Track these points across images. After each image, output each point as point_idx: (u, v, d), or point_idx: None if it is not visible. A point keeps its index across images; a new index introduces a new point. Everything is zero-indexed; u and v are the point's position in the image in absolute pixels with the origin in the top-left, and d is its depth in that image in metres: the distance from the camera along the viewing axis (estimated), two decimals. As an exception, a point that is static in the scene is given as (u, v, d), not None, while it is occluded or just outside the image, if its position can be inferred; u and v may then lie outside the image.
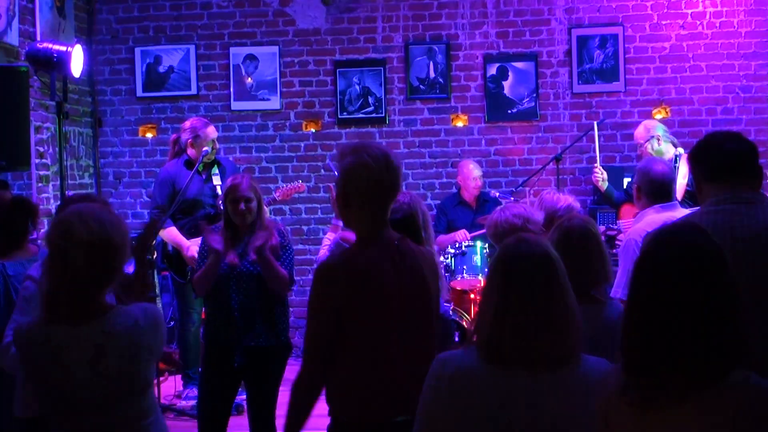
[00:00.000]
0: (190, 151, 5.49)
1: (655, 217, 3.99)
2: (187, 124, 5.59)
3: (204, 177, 5.52)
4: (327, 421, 2.77)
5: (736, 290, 1.88)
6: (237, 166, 6.05)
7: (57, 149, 5.75)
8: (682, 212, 3.94)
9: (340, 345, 2.67)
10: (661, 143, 5.60)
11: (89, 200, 3.29)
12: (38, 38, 5.74)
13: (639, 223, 4.03)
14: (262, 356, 3.98)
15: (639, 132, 5.76)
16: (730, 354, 1.82)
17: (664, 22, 6.69)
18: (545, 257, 2.17)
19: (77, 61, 5.47)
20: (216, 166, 5.57)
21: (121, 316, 2.42)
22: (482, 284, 5.05)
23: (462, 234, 5.97)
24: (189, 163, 5.41)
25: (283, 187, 5.84)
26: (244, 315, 3.95)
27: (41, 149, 5.91)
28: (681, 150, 5.52)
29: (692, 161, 3.02)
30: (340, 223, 3.65)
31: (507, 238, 3.51)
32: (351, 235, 3.27)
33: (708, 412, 1.82)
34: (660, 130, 5.70)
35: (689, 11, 6.66)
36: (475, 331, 2.21)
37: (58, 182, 5.60)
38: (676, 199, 4.26)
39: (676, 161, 5.33)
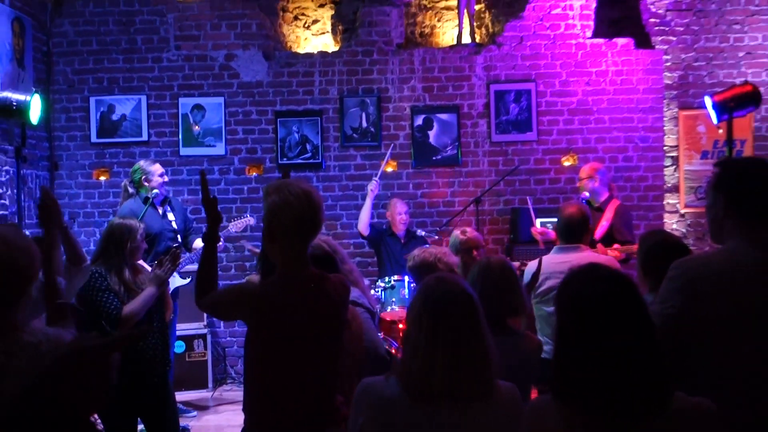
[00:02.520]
0: (143, 188, 5.54)
1: (552, 258, 4.10)
2: (136, 166, 5.61)
3: (161, 213, 5.54)
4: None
5: (650, 319, 1.85)
6: (185, 208, 6.03)
7: (15, 191, 5.68)
8: (581, 255, 3.95)
9: (253, 367, 2.68)
10: (597, 184, 5.65)
11: (4, 227, 3.31)
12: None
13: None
14: None
15: (584, 169, 5.80)
16: (666, 381, 1.80)
17: (571, 80, 6.83)
18: (467, 296, 2.16)
19: (35, 109, 5.48)
20: (168, 204, 5.62)
21: (24, 338, 2.34)
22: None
23: None
24: (146, 200, 5.43)
25: (234, 221, 5.87)
26: None
27: (0, 191, 5.87)
28: (586, 194, 5.64)
29: None
30: None
31: (422, 272, 3.76)
32: None
33: None
34: (598, 172, 5.74)
35: (594, 70, 6.82)
36: (401, 365, 2.17)
37: (16, 221, 5.54)
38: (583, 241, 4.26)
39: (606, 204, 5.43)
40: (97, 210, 6.83)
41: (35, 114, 5.50)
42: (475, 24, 7.02)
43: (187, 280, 5.78)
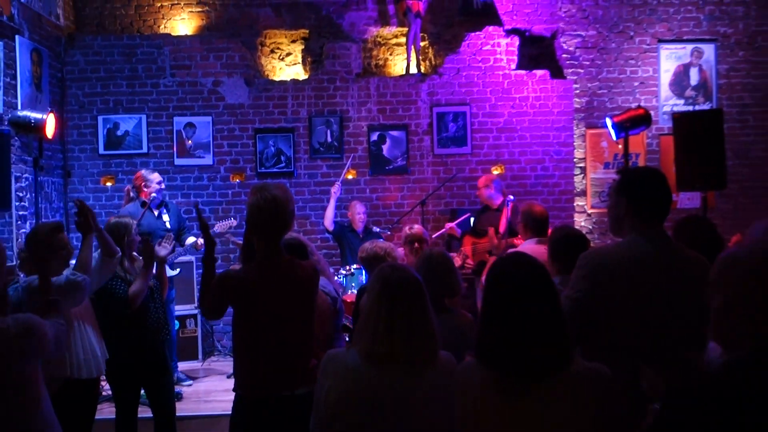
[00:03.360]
0: (144, 193, 5.64)
1: (534, 248, 4.01)
2: (138, 174, 5.74)
3: (156, 215, 5.70)
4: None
5: (558, 298, 1.91)
6: (179, 209, 6.17)
7: (33, 195, 5.76)
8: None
9: (239, 338, 2.77)
10: (492, 191, 6.03)
11: None
12: (20, 108, 5.79)
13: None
14: None
15: (481, 180, 6.17)
16: (566, 347, 1.85)
17: (499, 103, 7.11)
18: (416, 281, 2.21)
19: (50, 126, 5.44)
20: (165, 207, 5.78)
21: None
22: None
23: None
24: (144, 203, 5.61)
25: (219, 222, 5.93)
26: None
27: (20, 194, 5.95)
28: (511, 197, 5.82)
29: None
30: None
31: (372, 263, 3.88)
32: None
33: (563, 394, 1.82)
34: (494, 182, 6.10)
35: (517, 96, 7.13)
36: (359, 338, 2.20)
37: (34, 221, 5.62)
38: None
39: (506, 204, 5.61)
40: (104, 211, 6.89)
41: (50, 130, 5.47)
42: (420, 57, 7.27)
43: (177, 271, 5.95)
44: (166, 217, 5.75)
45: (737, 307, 1.52)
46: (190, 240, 5.72)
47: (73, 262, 3.57)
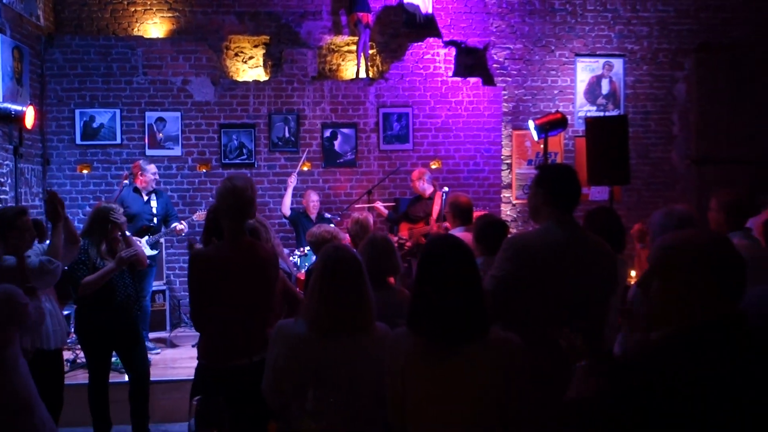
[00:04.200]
0: (139, 180, 5.83)
1: (459, 234, 3.88)
2: (136, 163, 5.94)
3: (145, 200, 5.87)
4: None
5: (478, 273, 1.96)
6: (170, 199, 6.29)
7: (14, 180, 5.75)
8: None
9: (204, 311, 2.81)
10: (425, 184, 6.27)
11: None
12: (1, 100, 5.79)
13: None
14: None
15: (414, 173, 6.39)
16: (484, 317, 1.91)
17: (437, 106, 7.34)
18: (356, 260, 2.26)
19: (30, 117, 5.55)
20: (155, 194, 5.96)
21: None
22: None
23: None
24: (136, 189, 5.84)
25: (197, 213, 6.19)
26: None
27: (2, 180, 5.94)
28: (446, 188, 6.13)
29: None
30: None
31: (319, 245, 3.92)
32: None
33: (480, 358, 1.87)
34: (426, 175, 6.32)
35: (453, 100, 7.37)
36: (305, 309, 2.23)
37: (14, 204, 5.60)
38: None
39: (442, 195, 5.82)
40: (80, 196, 7.04)
41: (29, 121, 5.55)
42: (369, 64, 7.44)
43: (156, 252, 6.11)
44: (154, 203, 5.88)
45: (677, 291, 1.50)
46: (179, 226, 5.91)
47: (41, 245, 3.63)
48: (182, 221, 6.00)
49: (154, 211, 5.89)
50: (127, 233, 4.17)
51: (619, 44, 7.81)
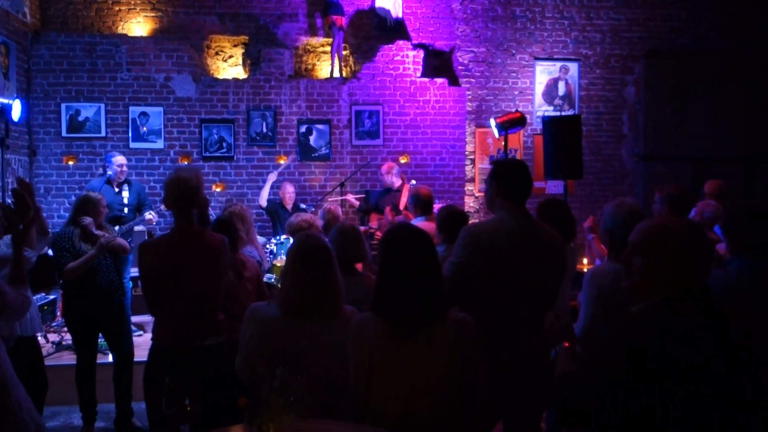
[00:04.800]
0: (109, 172, 5.73)
1: (424, 224, 4.07)
2: (108, 155, 5.83)
3: (117, 191, 5.77)
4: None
5: (437, 260, 2.02)
6: (143, 186, 6.21)
7: (1, 171, 5.69)
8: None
9: (155, 297, 2.80)
10: (393, 177, 6.43)
11: None
12: None
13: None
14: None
15: (383, 168, 6.57)
16: (442, 301, 1.98)
17: (407, 104, 7.49)
18: (326, 247, 2.28)
19: (16, 110, 5.53)
20: (127, 184, 5.82)
21: None
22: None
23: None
24: (108, 181, 5.72)
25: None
26: None
27: None
28: (414, 181, 6.29)
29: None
30: None
31: (298, 233, 3.53)
32: None
33: (440, 338, 1.94)
34: (394, 169, 6.47)
35: (421, 99, 7.52)
36: (279, 293, 2.26)
37: (1, 193, 5.60)
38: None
39: (410, 188, 5.67)
40: (66, 186, 7.08)
41: (16, 114, 5.52)
42: (342, 64, 7.56)
43: (129, 240, 5.92)
44: (125, 194, 5.79)
45: (663, 266, 1.65)
46: (147, 215, 5.79)
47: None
48: (151, 211, 5.86)
49: (125, 201, 5.75)
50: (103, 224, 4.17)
51: (574, 49, 8.07)
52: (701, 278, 1.68)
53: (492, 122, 5.96)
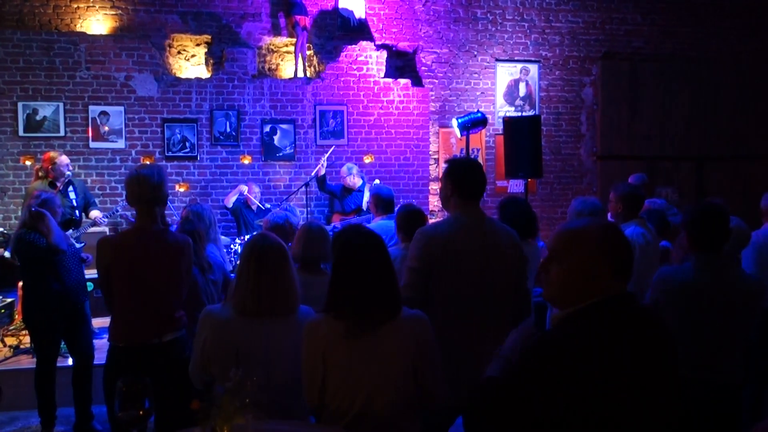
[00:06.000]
0: (51, 175, 5.36)
1: (383, 223, 4.19)
2: (46, 156, 5.43)
3: (62, 192, 5.41)
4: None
5: (390, 260, 2.02)
6: (85, 185, 5.97)
7: None
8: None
9: (112, 294, 2.76)
10: (355, 178, 6.46)
11: None
12: None
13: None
14: None
15: (342, 170, 6.54)
16: (397, 300, 2.00)
17: (370, 105, 7.52)
18: (280, 246, 2.26)
19: None
20: (71, 184, 5.55)
21: None
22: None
23: None
24: (51, 183, 5.34)
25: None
26: None
27: None
28: (377, 181, 6.36)
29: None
30: None
31: (277, 231, 3.35)
32: None
33: (395, 335, 1.96)
34: (355, 169, 6.51)
35: (385, 99, 7.56)
36: (233, 295, 2.23)
37: None
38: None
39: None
40: (23, 186, 6.82)
41: None
42: (306, 64, 7.52)
43: (83, 244, 5.71)
44: (72, 195, 5.54)
45: (578, 273, 1.52)
46: (94, 214, 5.60)
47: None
48: (95, 209, 5.64)
49: (74, 203, 5.45)
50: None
51: (534, 51, 8.21)
52: (622, 284, 1.55)
53: (454, 122, 5.98)
